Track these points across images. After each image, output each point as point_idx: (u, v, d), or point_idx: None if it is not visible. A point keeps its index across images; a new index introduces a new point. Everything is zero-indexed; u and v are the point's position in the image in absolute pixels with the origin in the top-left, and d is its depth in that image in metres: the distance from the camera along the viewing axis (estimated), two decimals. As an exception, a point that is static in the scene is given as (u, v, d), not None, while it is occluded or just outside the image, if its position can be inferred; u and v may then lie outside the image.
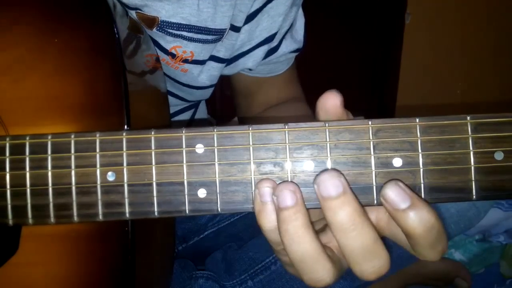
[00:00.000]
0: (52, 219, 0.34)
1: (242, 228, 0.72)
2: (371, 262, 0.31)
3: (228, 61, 0.66)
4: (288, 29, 0.68)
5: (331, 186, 0.30)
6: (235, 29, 0.62)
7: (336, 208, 0.30)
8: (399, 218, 0.30)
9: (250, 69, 0.70)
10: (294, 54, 0.73)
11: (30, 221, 0.34)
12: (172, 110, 0.73)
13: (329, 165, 0.32)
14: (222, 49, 0.63)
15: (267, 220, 0.31)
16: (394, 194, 0.30)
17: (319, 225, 0.36)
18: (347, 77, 1.45)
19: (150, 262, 0.45)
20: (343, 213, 0.30)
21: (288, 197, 0.30)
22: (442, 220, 0.31)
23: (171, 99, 0.67)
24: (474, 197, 0.32)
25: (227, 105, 0.91)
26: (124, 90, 0.38)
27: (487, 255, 0.89)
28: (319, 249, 0.31)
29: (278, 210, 0.31)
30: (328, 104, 0.33)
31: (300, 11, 0.69)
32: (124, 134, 0.33)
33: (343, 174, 0.31)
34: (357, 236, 0.30)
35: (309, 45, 0.73)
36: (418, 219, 0.30)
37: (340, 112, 0.33)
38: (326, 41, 1.40)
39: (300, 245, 0.31)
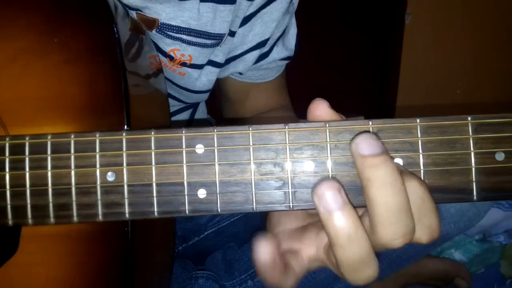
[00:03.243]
0: (52, 219, 0.34)
1: (242, 228, 0.72)
2: (400, 223, 0.30)
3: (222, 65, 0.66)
4: (280, 36, 0.68)
5: (369, 145, 0.30)
6: (232, 34, 0.62)
7: (376, 164, 0.29)
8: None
9: (240, 73, 0.71)
10: (285, 62, 0.73)
11: (30, 221, 0.34)
12: (171, 109, 0.73)
13: (329, 165, 0.32)
14: (220, 54, 0.63)
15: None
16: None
17: (296, 233, 0.36)
18: (347, 77, 1.45)
19: (150, 262, 0.45)
20: (383, 170, 0.29)
21: (333, 199, 0.30)
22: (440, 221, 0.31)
23: (169, 100, 0.67)
24: (475, 197, 0.32)
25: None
26: (124, 90, 0.38)
27: (487, 255, 0.89)
28: (370, 246, 0.31)
29: (328, 214, 0.30)
30: (318, 112, 0.33)
31: (293, 21, 0.70)
32: (124, 134, 0.33)
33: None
34: (396, 194, 0.29)
35: (309, 45, 0.73)
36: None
37: (332, 116, 0.33)
38: (326, 41, 1.40)
39: (357, 246, 0.30)
